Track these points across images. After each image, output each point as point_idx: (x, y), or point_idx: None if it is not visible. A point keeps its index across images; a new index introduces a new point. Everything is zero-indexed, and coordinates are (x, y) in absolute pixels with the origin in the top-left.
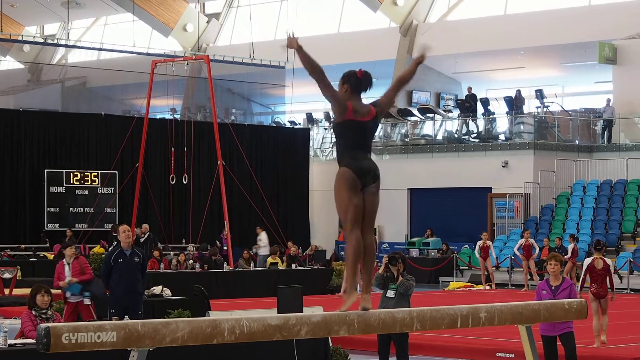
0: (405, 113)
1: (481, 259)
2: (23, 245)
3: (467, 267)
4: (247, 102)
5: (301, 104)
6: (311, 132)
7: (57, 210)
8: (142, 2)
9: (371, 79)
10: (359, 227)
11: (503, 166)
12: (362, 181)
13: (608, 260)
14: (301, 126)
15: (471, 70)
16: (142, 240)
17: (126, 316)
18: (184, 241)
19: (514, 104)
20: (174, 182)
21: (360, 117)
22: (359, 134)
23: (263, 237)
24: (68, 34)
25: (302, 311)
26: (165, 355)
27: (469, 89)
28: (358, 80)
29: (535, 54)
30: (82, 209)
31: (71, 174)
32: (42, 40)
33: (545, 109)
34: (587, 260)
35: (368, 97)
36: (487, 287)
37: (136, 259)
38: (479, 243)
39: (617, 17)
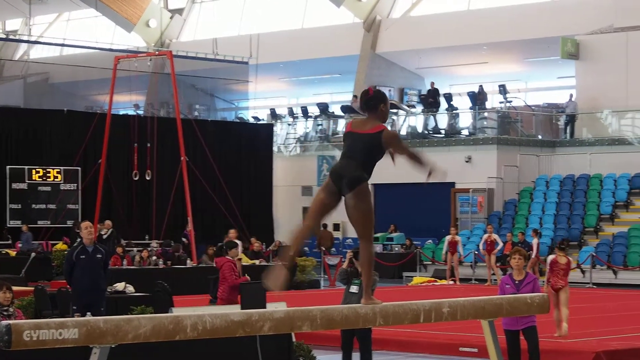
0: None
1: (449, 253)
2: None
3: (430, 262)
4: (210, 97)
5: (264, 99)
6: (275, 128)
7: (20, 207)
8: None
9: (366, 98)
10: (310, 220)
11: (466, 161)
12: (337, 185)
13: (571, 258)
14: (265, 122)
15: (435, 65)
16: (104, 236)
17: (88, 313)
18: (147, 237)
19: (477, 99)
20: (137, 178)
21: (358, 129)
22: (352, 143)
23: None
24: (30, 29)
25: (265, 307)
26: (128, 353)
27: (432, 83)
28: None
29: (499, 50)
30: (44, 206)
31: (33, 171)
32: (3, 36)
33: (508, 104)
34: (550, 257)
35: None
36: (451, 282)
37: (98, 256)
38: (448, 238)
39: (579, 12)
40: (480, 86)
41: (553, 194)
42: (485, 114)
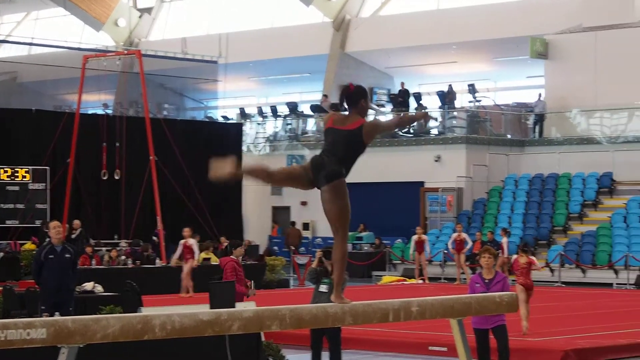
0: (337, 108)
1: (416, 253)
2: None
3: (400, 262)
4: (179, 97)
5: (234, 98)
6: (244, 127)
7: None
8: None
9: (347, 93)
10: (274, 169)
11: (436, 160)
12: (314, 175)
13: (532, 258)
14: (234, 121)
15: (404, 65)
16: (73, 236)
17: (57, 313)
18: (116, 237)
19: (447, 98)
20: (105, 177)
21: (338, 126)
22: (332, 139)
23: None
24: None
25: (234, 306)
26: (96, 353)
27: (402, 84)
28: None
29: (468, 49)
30: (12, 205)
31: (1, 170)
32: None
33: (477, 104)
34: (513, 257)
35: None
36: (420, 281)
37: (67, 255)
38: (414, 237)
39: (548, 12)
40: (450, 85)
41: (522, 193)
42: (455, 114)
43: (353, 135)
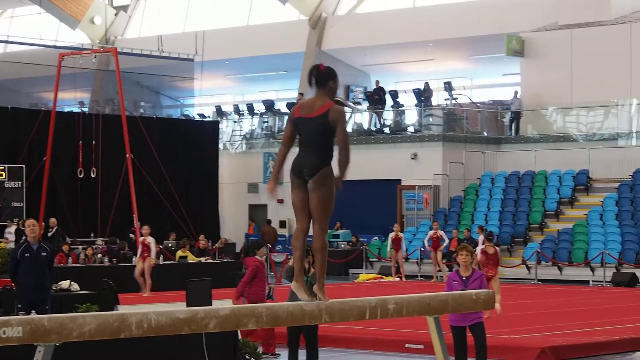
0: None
1: (393, 250)
2: None
3: (376, 259)
4: (156, 95)
5: (210, 96)
6: (220, 125)
7: None
8: None
9: (317, 73)
10: (300, 220)
11: (412, 158)
12: (300, 177)
13: (497, 248)
14: (210, 119)
15: (380, 62)
16: (49, 234)
17: (33, 311)
18: (92, 235)
19: (423, 96)
20: (82, 175)
21: (306, 114)
22: (304, 130)
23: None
24: None
25: (211, 304)
26: (73, 351)
27: (377, 82)
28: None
29: (444, 47)
30: None
31: None
32: None
33: (453, 101)
34: (480, 247)
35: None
36: (397, 279)
37: (43, 254)
38: (391, 235)
39: (524, 10)
40: (426, 83)
41: (498, 191)
42: (431, 111)
43: (323, 120)
